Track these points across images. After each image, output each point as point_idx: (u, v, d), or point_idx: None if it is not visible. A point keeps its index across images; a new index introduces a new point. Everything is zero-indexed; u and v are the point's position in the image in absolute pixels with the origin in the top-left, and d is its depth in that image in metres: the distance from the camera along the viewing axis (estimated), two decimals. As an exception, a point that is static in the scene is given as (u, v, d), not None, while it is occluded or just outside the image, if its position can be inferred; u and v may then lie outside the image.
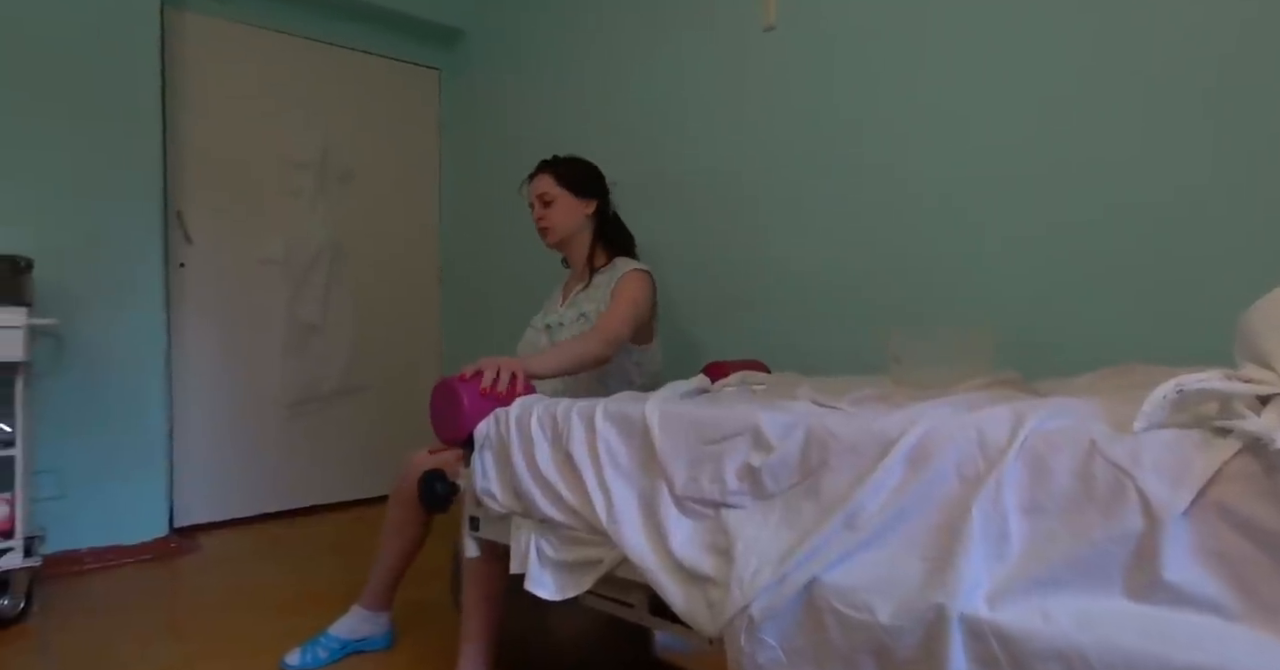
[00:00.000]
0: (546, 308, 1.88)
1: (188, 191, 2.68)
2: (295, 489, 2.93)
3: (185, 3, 2.66)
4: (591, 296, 1.74)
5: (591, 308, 1.71)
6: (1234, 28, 1.31)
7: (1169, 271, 1.38)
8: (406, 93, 3.25)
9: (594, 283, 1.77)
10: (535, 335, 1.82)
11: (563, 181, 1.78)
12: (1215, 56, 1.33)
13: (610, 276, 1.74)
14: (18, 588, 1.85)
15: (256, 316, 2.84)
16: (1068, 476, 0.64)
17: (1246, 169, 1.30)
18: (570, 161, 1.83)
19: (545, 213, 1.78)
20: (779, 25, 2.01)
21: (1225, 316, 0.74)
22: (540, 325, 1.82)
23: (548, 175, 1.79)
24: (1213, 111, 1.33)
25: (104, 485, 2.34)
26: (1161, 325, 1.38)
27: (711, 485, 0.91)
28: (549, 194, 1.77)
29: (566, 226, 1.78)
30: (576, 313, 1.74)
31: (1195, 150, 1.35)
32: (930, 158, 1.70)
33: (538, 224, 1.80)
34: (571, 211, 1.78)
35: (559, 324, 1.76)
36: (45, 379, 2.22)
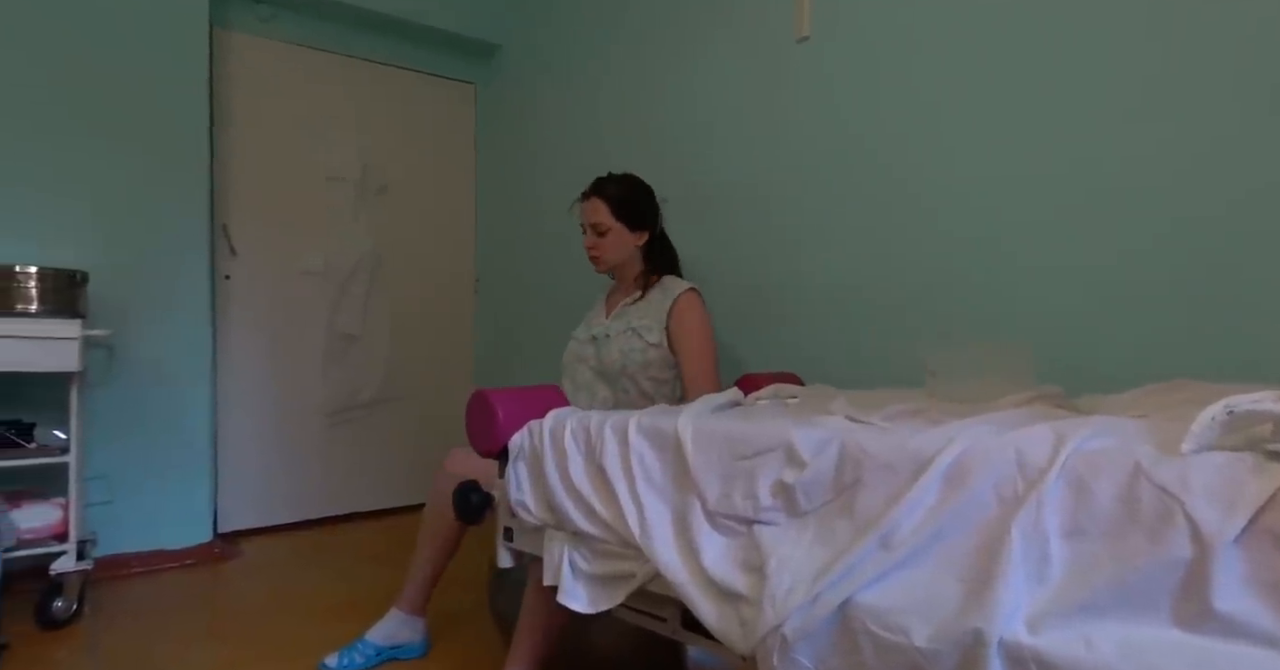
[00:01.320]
0: (589, 320, 1.90)
1: (233, 205, 2.76)
2: (335, 496, 2.98)
3: (232, 23, 2.75)
4: (643, 311, 1.76)
5: (643, 324, 1.74)
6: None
7: (1219, 284, 1.33)
8: (443, 107, 3.31)
9: (646, 298, 1.78)
10: (580, 347, 1.84)
11: (618, 214, 1.78)
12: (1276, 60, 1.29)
13: (664, 294, 1.76)
14: (70, 590, 1.92)
15: (298, 327, 2.91)
16: (1111, 499, 0.62)
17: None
18: (626, 187, 1.81)
19: (598, 242, 1.79)
20: (813, 36, 2.00)
21: (1277, 333, 0.72)
22: (585, 337, 1.84)
23: (603, 204, 1.78)
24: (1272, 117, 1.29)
25: (151, 491, 2.41)
26: (1209, 340, 1.33)
27: (744, 501, 0.91)
28: (603, 225, 1.77)
29: (617, 258, 1.81)
30: (625, 325, 1.76)
31: (1246, 160, 1.31)
32: (967, 170, 1.68)
33: (589, 251, 1.81)
34: (624, 244, 1.80)
35: (605, 335, 1.78)
36: (97, 388, 2.30)
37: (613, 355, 1.74)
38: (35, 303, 1.98)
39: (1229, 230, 1.32)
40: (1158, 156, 1.39)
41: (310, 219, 2.94)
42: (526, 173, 3.12)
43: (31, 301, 1.97)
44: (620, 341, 1.74)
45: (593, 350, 1.79)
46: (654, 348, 1.72)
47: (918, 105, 1.77)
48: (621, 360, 1.72)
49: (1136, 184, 1.42)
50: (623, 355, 1.72)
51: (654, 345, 1.72)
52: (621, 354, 1.73)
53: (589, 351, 1.80)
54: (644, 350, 1.72)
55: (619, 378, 1.74)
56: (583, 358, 1.81)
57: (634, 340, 1.73)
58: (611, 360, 1.73)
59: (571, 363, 1.84)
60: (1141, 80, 1.41)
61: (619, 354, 1.73)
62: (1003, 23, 1.62)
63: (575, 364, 1.83)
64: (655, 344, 1.72)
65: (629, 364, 1.72)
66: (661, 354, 1.72)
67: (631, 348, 1.72)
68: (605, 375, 1.76)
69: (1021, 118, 1.58)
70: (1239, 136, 1.30)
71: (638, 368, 1.72)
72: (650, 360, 1.72)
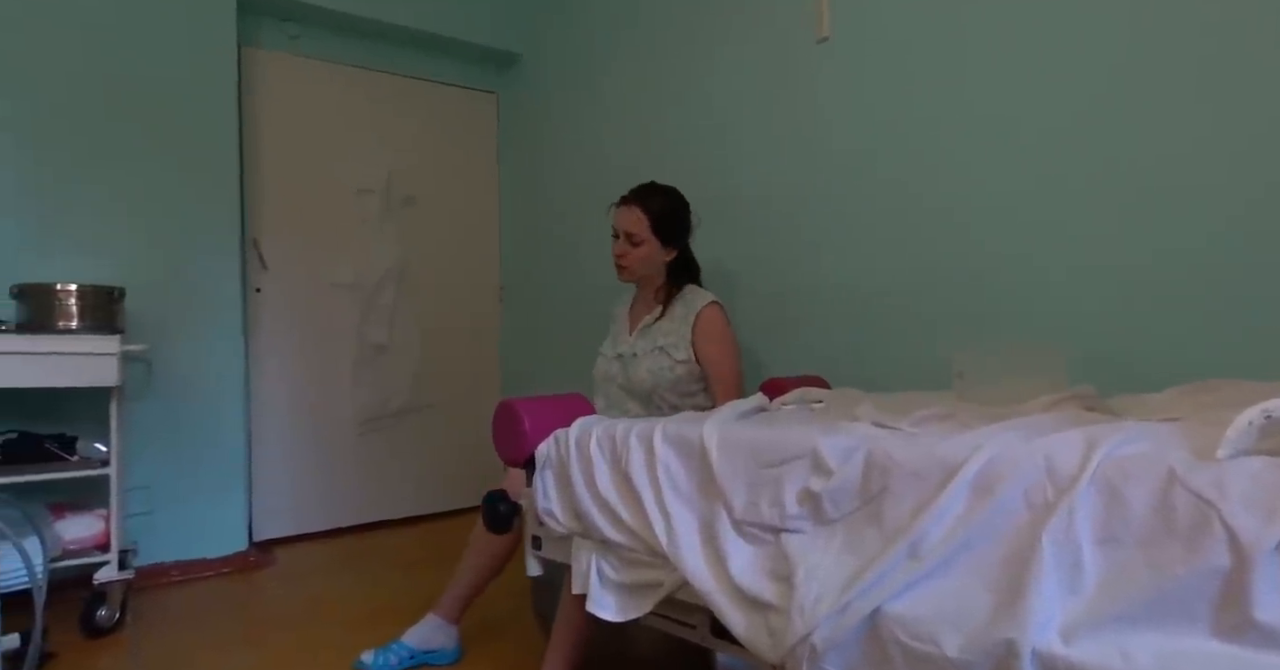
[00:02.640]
0: (615, 335, 1.91)
1: (263, 220, 2.81)
2: (366, 504, 3.02)
3: (261, 42, 2.81)
4: (666, 329, 1.78)
5: (669, 341, 1.75)
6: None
7: (1254, 284, 1.30)
8: (466, 117, 3.34)
9: (669, 314, 1.79)
10: (607, 364, 1.86)
11: (656, 228, 1.76)
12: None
13: (686, 309, 1.77)
14: (113, 599, 1.96)
15: (328, 338, 2.95)
16: (1146, 507, 0.61)
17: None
18: (668, 201, 1.80)
19: (627, 251, 1.78)
20: (833, 37, 2.00)
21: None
22: (612, 354, 1.86)
23: (644, 216, 1.76)
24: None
25: (188, 501, 2.46)
26: (1247, 340, 1.30)
27: (771, 510, 0.90)
28: (638, 236, 1.76)
29: (644, 269, 1.81)
30: (651, 345, 1.78)
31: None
32: (991, 170, 1.66)
33: (616, 259, 1.80)
34: (653, 257, 1.80)
35: (632, 354, 1.80)
36: (135, 401, 2.36)
37: (641, 375, 1.76)
38: (76, 319, 2.03)
39: (1265, 229, 1.29)
40: (1193, 154, 1.37)
41: (338, 231, 2.99)
42: (549, 180, 3.15)
43: (72, 318, 2.03)
44: (648, 361, 1.76)
45: (619, 368, 1.81)
46: (682, 364, 1.74)
47: (941, 105, 1.75)
48: (651, 380, 1.74)
49: (1171, 182, 1.40)
50: (651, 375, 1.74)
51: (682, 362, 1.73)
52: (650, 374, 1.74)
53: (616, 369, 1.82)
54: (672, 368, 1.74)
55: (649, 396, 1.76)
56: (610, 376, 1.84)
57: (662, 359, 1.74)
58: (640, 380, 1.75)
59: (601, 380, 1.87)
60: (1178, 78, 1.39)
61: (648, 374, 1.75)
62: (1027, 21, 1.60)
63: (605, 382, 1.85)
64: (683, 361, 1.74)
65: (659, 383, 1.74)
66: (689, 369, 1.74)
67: (660, 366, 1.74)
68: (635, 393, 1.78)
69: (1049, 116, 1.56)
70: (1277, 134, 1.27)
71: (667, 386, 1.74)
72: (679, 377, 1.74)
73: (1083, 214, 1.51)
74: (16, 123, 2.24)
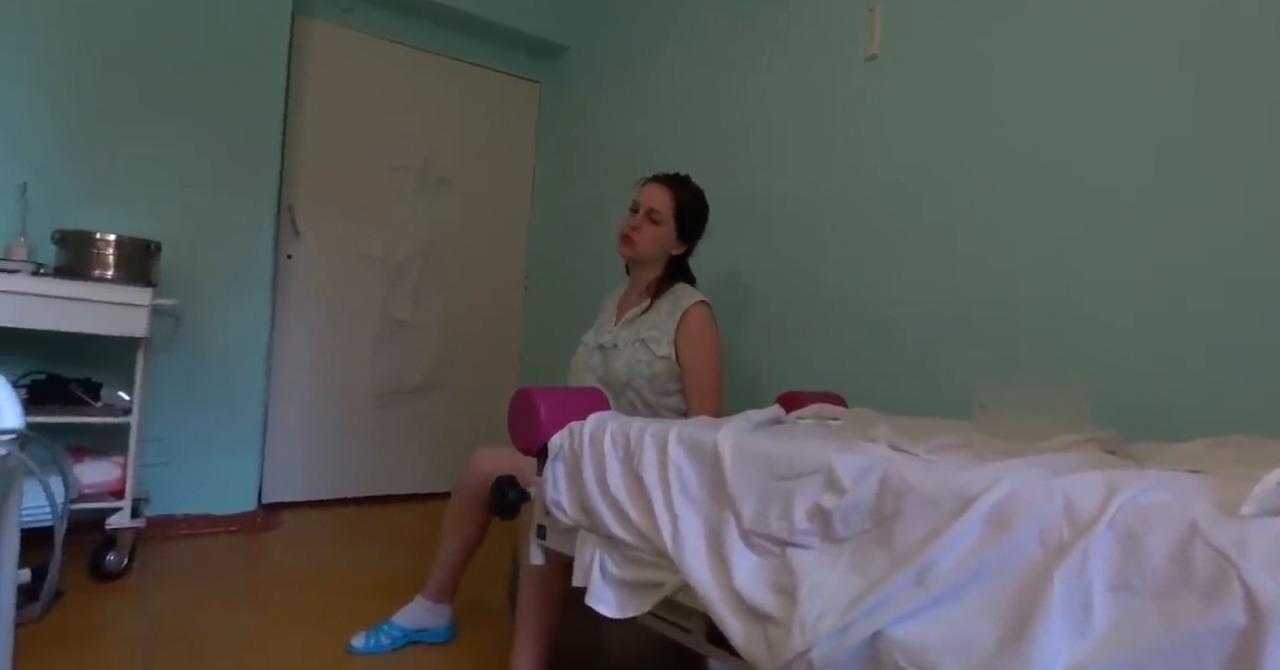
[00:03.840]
0: (599, 324, 1.89)
1: (300, 187, 2.85)
2: (374, 477, 3.06)
3: (314, 11, 2.84)
4: (651, 322, 1.75)
5: (651, 335, 1.72)
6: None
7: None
8: (508, 104, 3.36)
9: (655, 308, 1.77)
10: (588, 354, 1.83)
11: (678, 215, 1.77)
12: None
13: (674, 305, 1.75)
14: (123, 545, 2.01)
15: (352, 309, 2.99)
16: (1163, 557, 0.61)
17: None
18: (698, 197, 1.81)
19: (643, 227, 1.77)
20: (881, 55, 1.98)
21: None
22: (593, 343, 1.83)
23: (672, 198, 1.77)
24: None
25: (202, 457, 2.51)
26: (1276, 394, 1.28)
27: (780, 523, 0.90)
28: (660, 214, 1.76)
29: (650, 251, 1.80)
30: (634, 337, 1.75)
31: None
32: (1031, 198, 1.64)
33: (629, 230, 1.78)
34: (665, 243, 1.79)
35: (613, 345, 1.77)
36: (160, 354, 2.40)
37: (618, 367, 1.72)
38: (112, 269, 2.07)
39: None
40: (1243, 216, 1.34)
41: (372, 205, 3.02)
42: (583, 174, 3.15)
43: (108, 268, 2.07)
44: (628, 353, 1.73)
45: (600, 359, 1.78)
46: (662, 360, 1.70)
47: (984, 128, 1.74)
48: (627, 372, 1.71)
49: (1220, 240, 1.36)
50: (629, 367, 1.71)
51: (662, 358, 1.70)
52: (628, 366, 1.71)
53: (596, 360, 1.79)
54: (651, 363, 1.70)
55: (624, 390, 1.72)
56: (590, 366, 1.80)
57: (642, 352, 1.71)
58: (617, 372, 1.72)
59: (578, 369, 1.83)
60: (1244, 133, 1.36)
61: (625, 366, 1.72)
62: (1076, 47, 1.58)
63: (581, 371, 1.81)
64: (664, 356, 1.70)
65: (635, 377, 1.71)
66: (669, 366, 1.71)
67: (638, 360, 1.71)
68: (609, 386, 1.73)
69: (1102, 154, 1.54)
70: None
71: (644, 381, 1.71)
72: (657, 373, 1.71)
73: (1125, 258, 1.49)
74: (74, 75, 2.29)
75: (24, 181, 2.17)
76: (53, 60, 2.25)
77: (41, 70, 2.24)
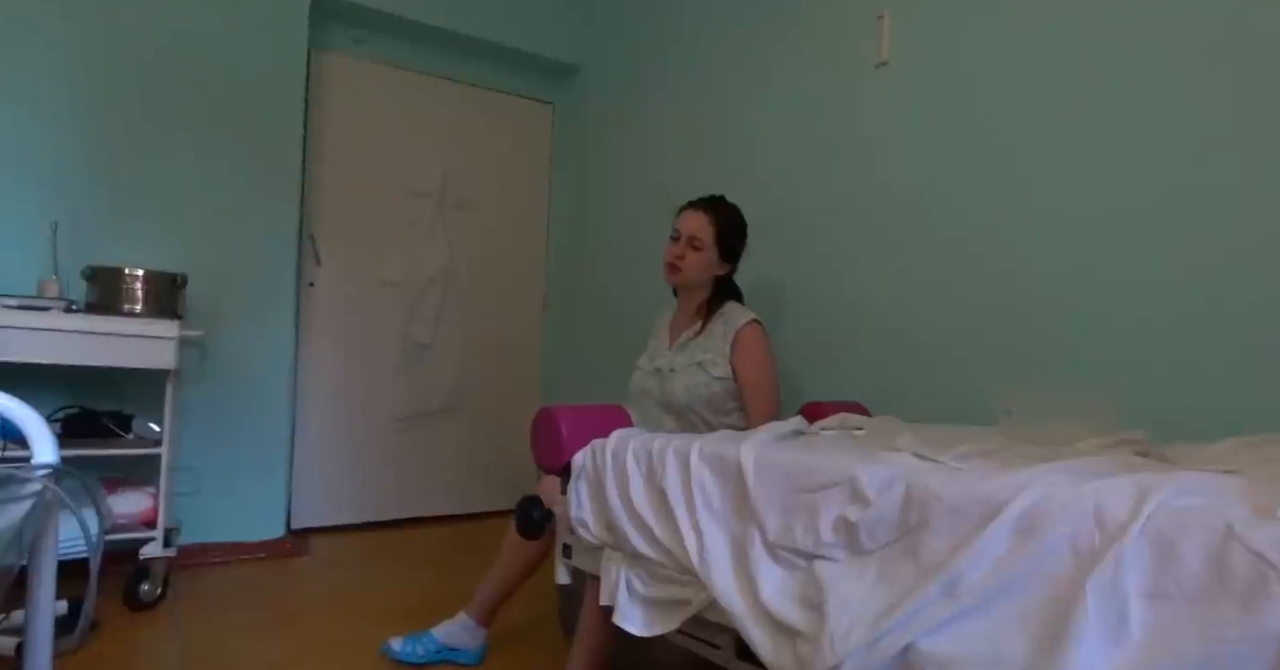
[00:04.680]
0: (653, 349, 1.91)
1: (320, 216, 2.90)
2: (400, 500, 3.07)
3: (330, 43, 2.91)
4: (706, 345, 1.78)
5: (707, 358, 1.75)
6: None
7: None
8: (522, 125, 3.40)
9: (708, 330, 1.80)
10: (644, 378, 1.86)
11: (720, 239, 1.79)
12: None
13: (726, 326, 1.77)
14: (156, 575, 2.03)
15: (374, 334, 3.02)
16: (1199, 562, 0.59)
17: None
18: (736, 217, 1.83)
19: (686, 254, 1.78)
20: (892, 61, 1.98)
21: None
22: (649, 368, 1.86)
23: (711, 223, 1.78)
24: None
25: (231, 485, 2.53)
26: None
27: (805, 535, 0.90)
28: (701, 241, 1.78)
29: (696, 278, 1.82)
30: (690, 360, 1.77)
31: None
32: (1050, 200, 1.62)
33: (673, 260, 1.80)
34: (709, 268, 1.81)
35: (670, 369, 1.80)
36: (188, 384, 2.44)
37: (676, 391, 1.75)
38: (140, 303, 2.12)
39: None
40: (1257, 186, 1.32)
41: (391, 231, 3.06)
42: (599, 192, 3.18)
43: (137, 301, 2.12)
44: (685, 377, 1.75)
45: (656, 383, 1.81)
46: (719, 381, 1.73)
47: (999, 132, 1.73)
48: (686, 396, 1.74)
49: (1245, 237, 1.34)
50: (687, 391, 1.74)
51: (719, 379, 1.73)
52: (686, 390, 1.74)
53: (653, 384, 1.82)
54: (709, 384, 1.73)
55: (684, 412, 1.75)
56: (647, 390, 1.83)
57: (699, 375, 1.74)
58: (675, 396, 1.75)
59: (638, 394, 1.87)
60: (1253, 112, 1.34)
61: (683, 390, 1.74)
62: (1088, 49, 1.57)
63: (641, 396, 1.85)
64: (721, 378, 1.73)
65: (694, 400, 1.73)
66: (726, 386, 1.73)
67: (696, 382, 1.74)
68: (670, 408, 1.77)
69: (1108, 147, 1.52)
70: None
71: (703, 403, 1.74)
72: (715, 394, 1.73)
73: (1148, 258, 1.46)
74: (101, 114, 2.35)
75: (55, 220, 2.23)
76: (79, 102, 2.32)
77: (69, 112, 2.31)
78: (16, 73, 2.24)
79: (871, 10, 2.03)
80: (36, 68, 2.27)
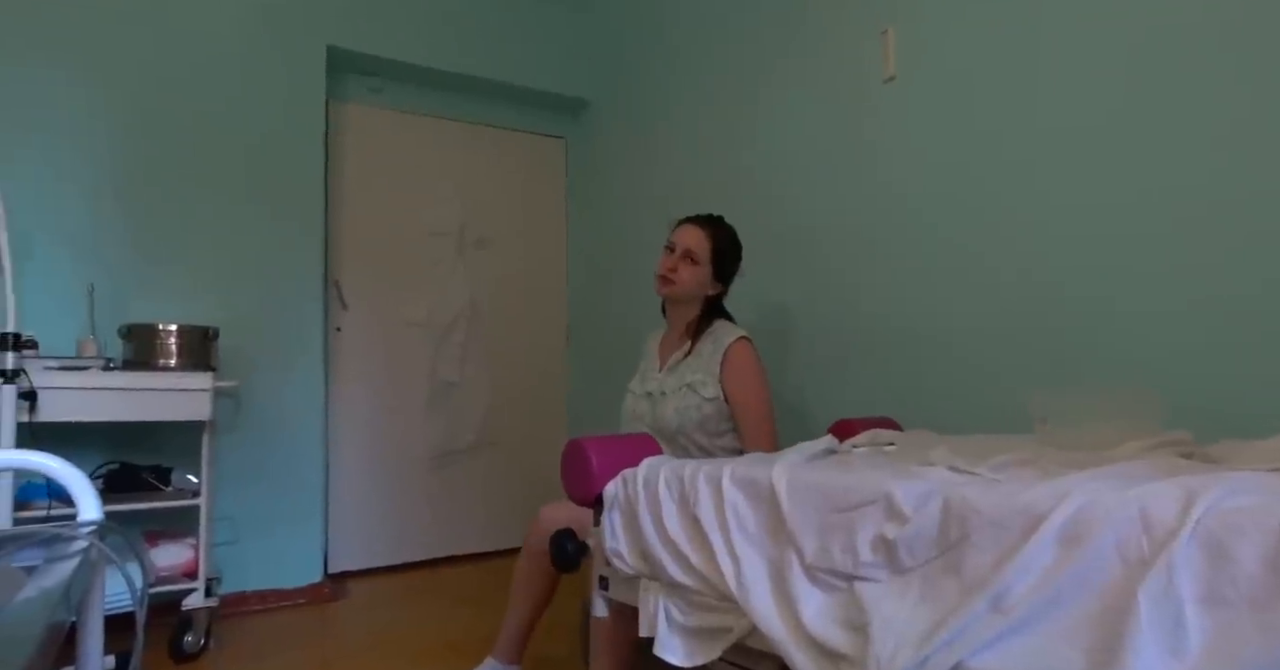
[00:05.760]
0: (644, 372, 1.89)
1: (344, 262, 2.96)
2: (435, 539, 3.07)
3: (346, 94, 3.00)
4: (695, 366, 1.75)
5: (697, 378, 1.72)
6: None
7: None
8: (535, 161, 3.46)
9: (697, 350, 1.77)
10: (635, 402, 1.84)
11: (715, 256, 1.78)
12: None
13: (715, 345, 1.75)
14: (199, 625, 2.04)
15: (402, 375, 3.06)
16: (1256, 564, 0.57)
17: None
18: (732, 237, 1.83)
19: (681, 267, 1.77)
20: (899, 76, 1.99)
21: None
22: (640, 392, 1.84)
23: (708, 240, 1.78)
24: None
25: (269, 532, 2.56)
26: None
27: (843, 556, 0.88)
28: (697, 255, 1.77)
29: (688, 292, 1.81)
30: (679, 382, 1.75)
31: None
32: (1067, 206, 1.60)
33: (666, 271, 1.79)
34: (702, 284, 1.80)
35: (660, 393, 1.78)
36: (224, 435, 2.48)
37: (667, 414, 1.72)
38: (174, 357, 2.17)
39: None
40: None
41: (414, 272, 3.11)
42: (614, 223, 3.21)
43: (171, 356, 2.17)
44: (676, 400, 1.73)
45: (648, 407, 1.79)
46: (710, 402, 1.70)
47: (1009, 141, 1.72)
48: (677, 419, 1.71)
49: (1268, 207, 1.32)
50: (678, 414, 1.71)
51: (710, 400, 1.70)
52: (677, 413, 1.71)
53: (644, 408, 1.80)
54: (699, 406, 1.70)
55: (675, 436, 1.72)
56: (639, 414, 1.80)
57: (690, 397, 1.71)
58: (667, 419, 1.72)
59: (629, 419, 1.83)
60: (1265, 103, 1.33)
61: (674, 413, 1.71)
62: (1097, 56, 1.56)
63: (633, 421, 1.82)
64: (711, 398, 1.70)
65: (685, 423, 1.71)
66: (718, 407, 1.70)
67: (687, 405, 1.71)
68: (661, 433, 1.73)
69: (1116, 151, 1.51)
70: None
71: (694, 426, 1.71)
72: (707, 416, 1.70)
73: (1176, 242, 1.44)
74: (129, 176, 2.44)
75: (91, 282, 2.30)
76: (109, 165, 2.41)
77: (100, 175, 2.40)
78: (49, 138, 2.34)
79: (875, 27, 2.05)
80: (67, 133, 2.36)
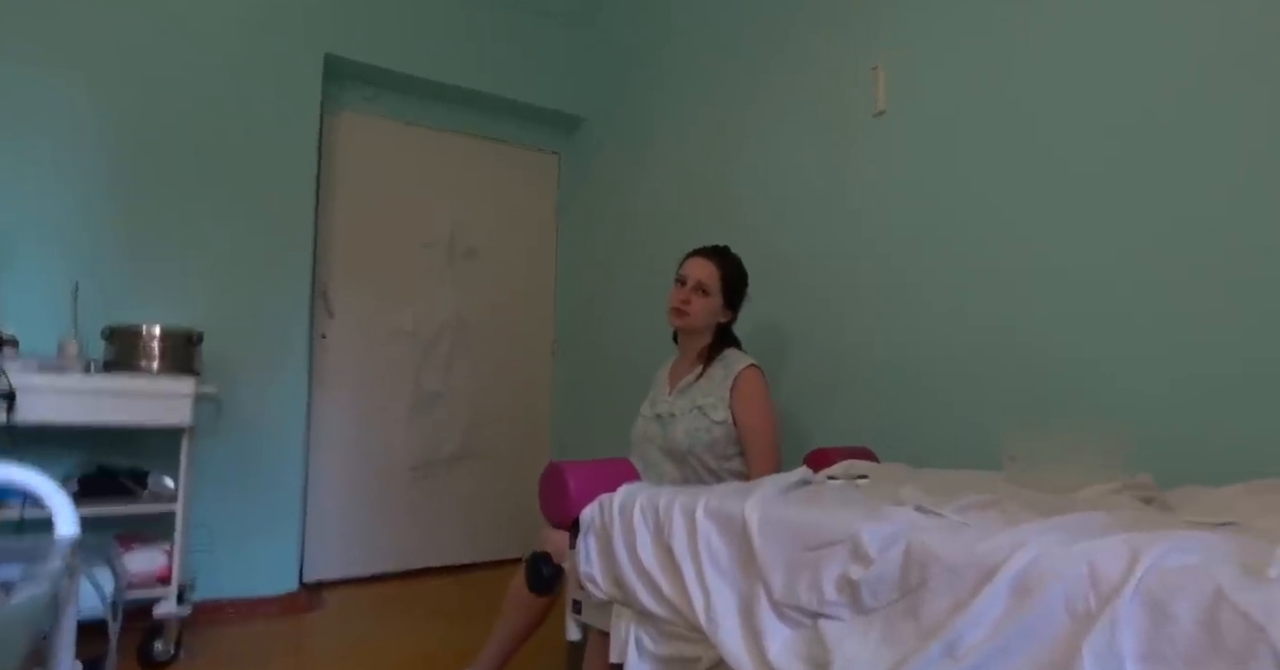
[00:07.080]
0: (654, 396, 1.94)
1: (332, 269, 2.96)
2: (412, 550, 3.07)
3: (340, 101, 3.01)
4: (706, 389, 1.80)
5: (708, 402, 1.77)
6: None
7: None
8: (529, 176, 3.48)
9: (708, 374, 1.82)
10: (646, 424, 1.88)
11: (725, 286, 1.85)
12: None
13: (726, 371, 1.80)
14: (170, 633, 2.03)
15: (386, 384, 3.06)
16: (1192, 624, 0.60)
17: None
18: (739, 267, 1.89)
19: (693, 299, 1.83)
20: (889, 110, 2.04)
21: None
22: (650, 414, 1.89)
23: (718, 271, 1.84)
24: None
25: (245, 540, 2.54)
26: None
27: (809, 594, 0.90)
28: (708, 287, 1.83)
29: (701, 322, 1.86)
30: (690, 404, 1.80)
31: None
32: (1049, 244, 1.65)
33: (679, 304, 1.84)
34: (713, 314, 1.86)
35: (670, 414, 1.82)
36: (203, 440, 2.47)
37: (678, 435, 1.77)
38: (156, 361, 2.16)
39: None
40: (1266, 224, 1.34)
41: (402, 282, 3.12)
42: (606, 241, 3.23)
43: (153, 359, 2.16)
44: (686, 421, 1.77)
45: (658, 429, 1.83)
46: (719, 425, 1.75)
47: (996, 178, 1.77)
48: (688, 441, 1.75)
49: (1251, 269, 1.36)
50: (688, 436, 1.75)
51: (719, 423, 1.75)
52: (687, 434, 1.76)
53: (655, 430, 1.84)
54: (709, 429, 1.75)
55: (686, 457, 1.76)
56: (649, 437, 1.85)
57: (699, 419, 1.76)
58: (677, 440, 1.77)
59: (640, 441, 1.88)
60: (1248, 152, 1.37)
61: (684, 434, 1.76)
62: (1085, 95, 1.60)
63: (643, 443, 1.87)
64: (720, 422, 1.75)
65: (695, 444, 1.75)
66: (726, 431, 1.75)
67: (697, 427, 1.76)
68: (672, 454, 1.78)
69: (1107, 190, 1.55)
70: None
71: (704, 447, 1.75)
72: (716, 438, 1.75)
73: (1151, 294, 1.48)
74: (119, 176, 2.44)
75: (76, 281, 2.29)
76: (100, 165, 2.41)
77: (89, 175, 2.39)
78: (38, 137, 2.33)
79: (865, 62, 2.09)
80: (57, 132, 2.36)
